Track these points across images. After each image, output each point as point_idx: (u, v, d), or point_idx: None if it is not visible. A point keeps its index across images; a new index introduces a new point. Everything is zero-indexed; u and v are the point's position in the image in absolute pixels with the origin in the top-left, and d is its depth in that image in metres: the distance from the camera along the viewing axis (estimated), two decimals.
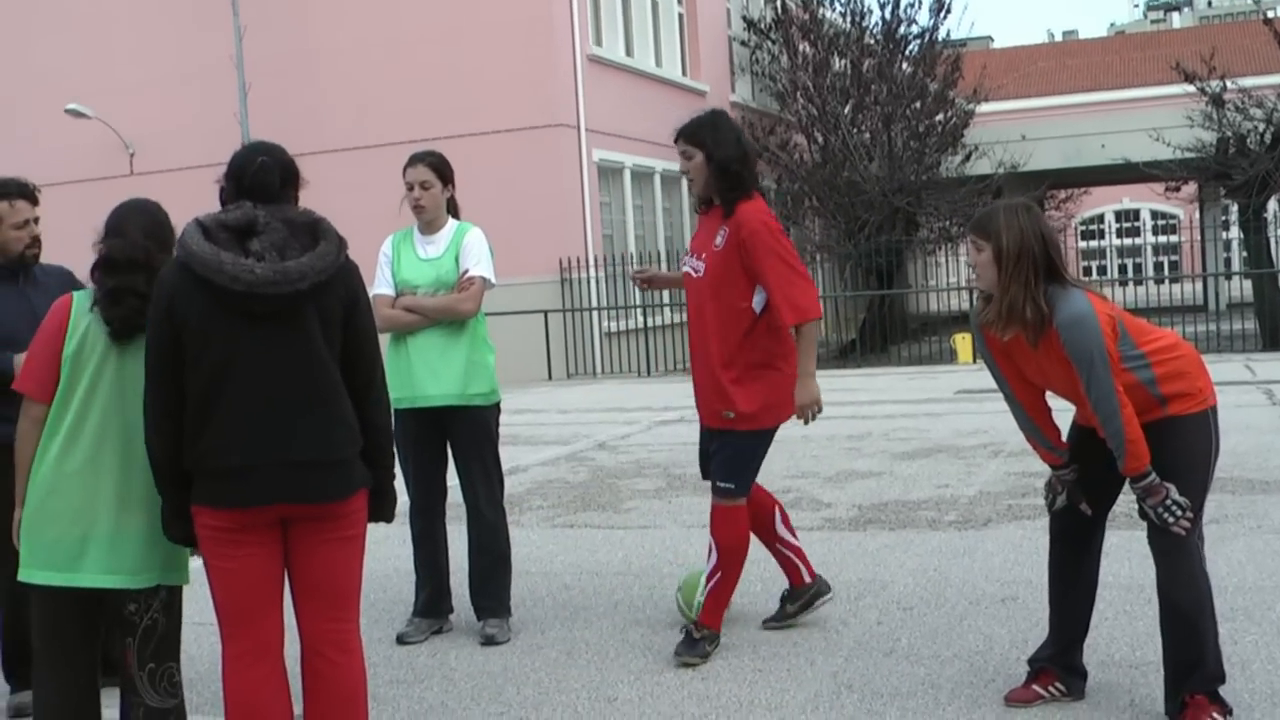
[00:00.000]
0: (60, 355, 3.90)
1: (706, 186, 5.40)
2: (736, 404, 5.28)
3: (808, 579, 5.73)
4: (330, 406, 3.75)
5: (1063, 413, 4.52)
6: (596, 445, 12.60)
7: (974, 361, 21.15)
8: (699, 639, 5.36)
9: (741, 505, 5.42)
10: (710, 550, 5.44)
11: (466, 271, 5.79)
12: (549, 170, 22.43)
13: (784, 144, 28.26)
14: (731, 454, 5.37)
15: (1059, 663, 4.62)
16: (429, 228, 5.91)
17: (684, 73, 27.94)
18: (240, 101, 22.73)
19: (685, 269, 5.51)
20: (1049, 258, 4.30)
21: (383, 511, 3.98)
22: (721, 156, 5.31)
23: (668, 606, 6.21)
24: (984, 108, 31.58)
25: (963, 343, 21.91)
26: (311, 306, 3.72)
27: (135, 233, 3.97)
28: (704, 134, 5.37)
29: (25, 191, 5.18)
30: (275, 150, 3.96)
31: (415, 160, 5.90)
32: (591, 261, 22.87)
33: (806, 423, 5.38)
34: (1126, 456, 4.18)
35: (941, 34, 30.56)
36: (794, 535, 5.78)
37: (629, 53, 25.75)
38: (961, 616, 5.78)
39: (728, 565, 5.41)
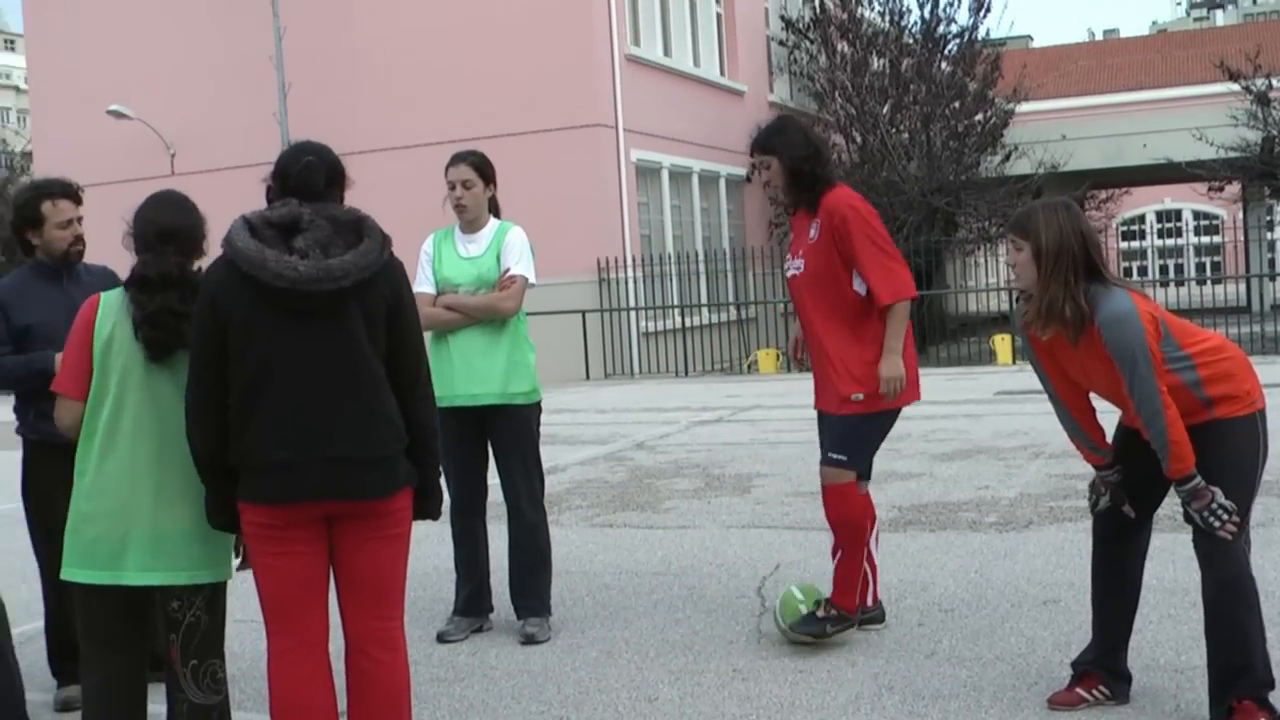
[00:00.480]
0: (90, 353, 3.92)
1: (785, 190, 5.51)
2: (858, 386, 5.31)
3: (870, 602, 5.68)
4: (374, 403, 3.76)
5: (1108, 414, 4.49)
6: (635, 445, 12.60)
7: (1013, 363, 21.03)
8: (821, 617, 5.37)
9: (852, 482, 5.41)
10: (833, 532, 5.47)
11: (508, 270, 5.80)
12: (587, 170, 22.46)
13: None
14: (846, 429, 5.38)
15: (1103, 666, 4.58)
16: (470, 227, 5.92)
17: (722, 72, 27.91)
18: (280, 101, 22.84)
19: (788, 272, 5.57)
20: (1089, 256, 4.27)
21: (429, 509, 3.99)
22: (791, 158, 5.42)
23: (707, 606, 6.21)
24: (1024, 107, 31.40)
25: (1002, 343, 21.79)
26: (355, 304, 3.73)
27: (165, 243, 3.94)
28: (773, 141, 5.49)
29: (69, 191, 5.23)
30: (322, 150, 3.97)
31: (457, 159, 5.92)
32: (629, 261, 22.88)
33: (890, 399, 5.37)
34: (1171, 459, 4.15)
35: (981, 33, 30.44)
36: (876, 551, 5.73)
37: (667, 52, 25.74)
38: (1003, 619, 5.74)
39: (849, 542, 5.41)
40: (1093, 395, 4.53)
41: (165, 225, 3.97)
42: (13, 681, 4.20)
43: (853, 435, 5.39)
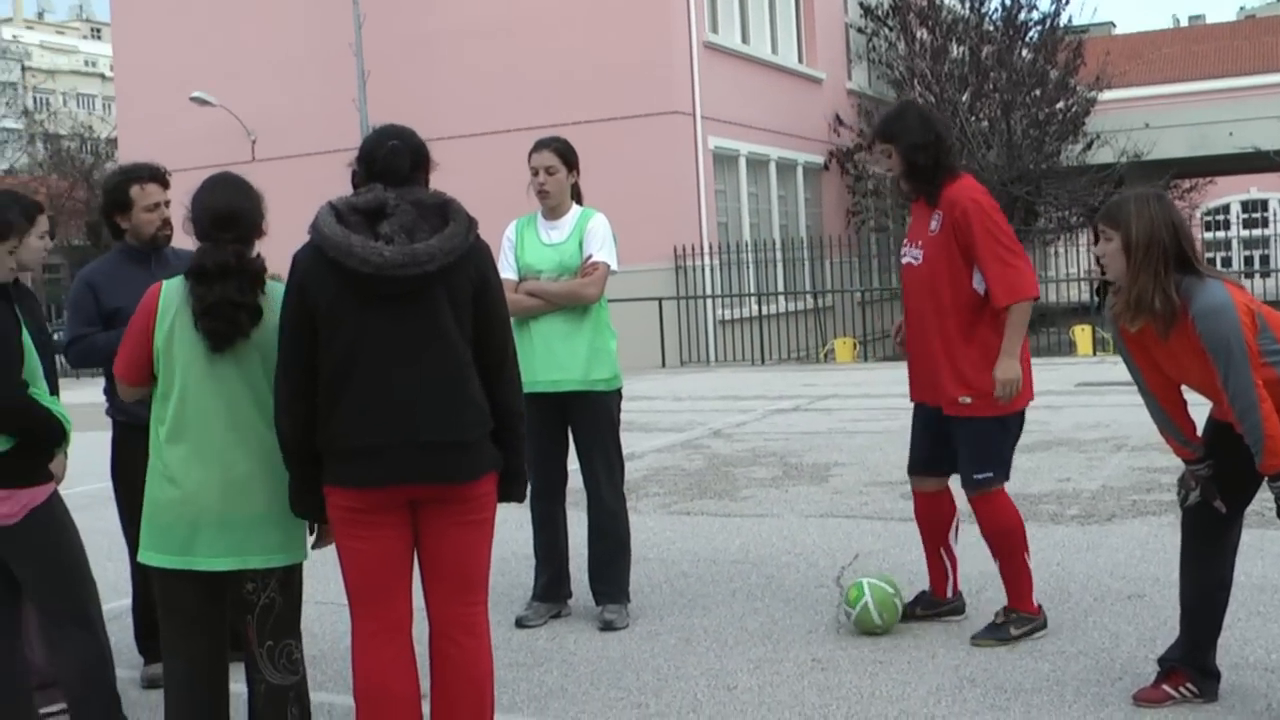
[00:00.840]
0: (150, 343, 3.94)
1: (908, 180, 5.36)
2: (974, 387, 5.18)
3: (951, 594, 5.65)
4: (460, 387, 3.77)
5: (1199, 407, 4.41)
6: (712, 433, 12.59)
7: (1093, 354, 20.79)
8: (1001, 623, 5.30)
9: (999, 491, 5.31)
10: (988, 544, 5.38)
11: (590, 257, 5.79)
12: (664, 157, 22.44)
13: None
14: (978, 441, 5.25)
15: (1190, 663, 4.51)
16: (553, 213, 5.92)
17: (800, 60, 27.77)
18: (359, 88, 23.01)
19: (904, 259, 5.43)
20: (1180, 248, 4.20)
21: (514, 492, 3.99)
22: (908, 145, 5.26)
23: (786, 595, 6.19)
24: (1106, 95, 30.98)
25: (1082, 334, 21.53)
26: (441, 288, 3.74)
27: (221, 229, 3.91)
28: (892, 127, 5.34)
29: (157, 175, 5.29)
30: (406, 134, 3.97)
31: (541, 145, 5.91)
32: (706, 249, 22.85)
33: (1005, 402, 5.21)
34: (1265, 453, 4.06)
35: (1063, 20, 30.04)
36: (956, 545, 5.67)
37: (745, 40, 25.65)
38: (1086, 612, 5.68)
39: (1007, 551, 5.32)
40: (1184, 388, 4.46)
41: (221, 210, 3.94)
42: (104, 657, 4.27)
43: (985, 446, 5.24)
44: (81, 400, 6.75)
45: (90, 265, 5.37)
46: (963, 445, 5.29)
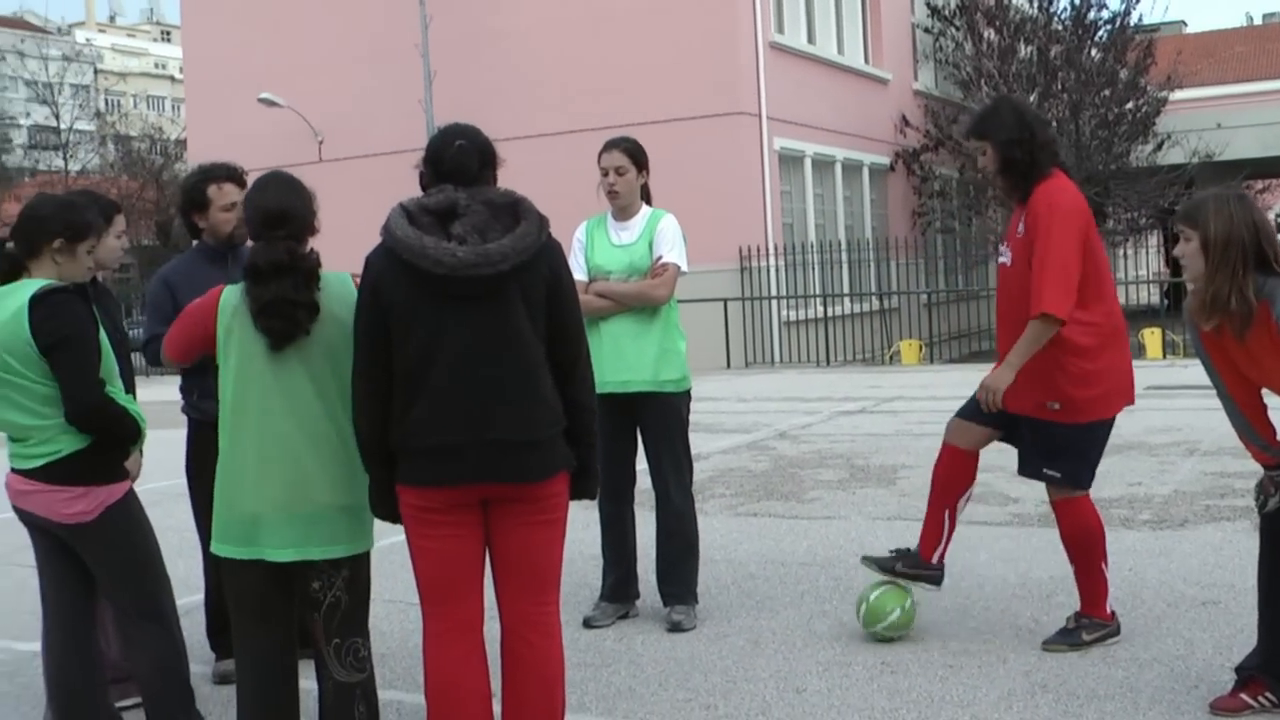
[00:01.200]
0: (202, 335, 4.00)
1: (1002, 178, 5.23)
2: (1065, 394, 5.06)
3: (935, 560, 5.47)
4: (533, 386, 3.77)
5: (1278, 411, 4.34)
6: (777, 434, 12.55)
7: (1163, 357, 20.53)
8: (1073, 628, 5.23)
9: (1082, 496, 5.22)
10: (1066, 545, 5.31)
11: (660, 258, 5.78)
12: (729, 158, 22.39)
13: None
14: (1057, 442, 5.13)
15: (1270, 671, 4.42)
16: (623, 213, 5.92)
17: (866, 60, 27.64)
18: (425, 88, 23.14)
19: (999, 259, 5.33)
20: (1260, 248, 4.14)
21: (586, 489, 4.00)
22: (1001, 142, 5.12)
23: (854, 598, 6.12)
24: (1177, 95, 30.56)
25: (1151, 337, 21.26)
26: (514, 287, 3.74)
27: (273, 227, 3.93)
28: (986, 124, 5.21)
29: (234, 175, 5.35)
30: (472, 132, 3.97)
31: (611, 145, 5.90)
32: (771, 250, 22.78)
33: (985, 409, 5.12)
34: None
35: (1133, 19, 29.67)
36: (960, 514, 5.50)
37: (811, 40, 25.56)
38: (1159, 619, 5.60)
39: (1085, 557, 5.24)
40: (1265, 392, 4.39)
41: (273, 208, 3.95)
42: (178, 652, 4.31)
43: (1065, 449, 5.13)
44: (158, 398, 6.82)
45: (168, 264, 5.43)
46: (1039, 442, 5.19)
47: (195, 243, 5.40)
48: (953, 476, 5.41)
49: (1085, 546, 5.23)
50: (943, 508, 5.46)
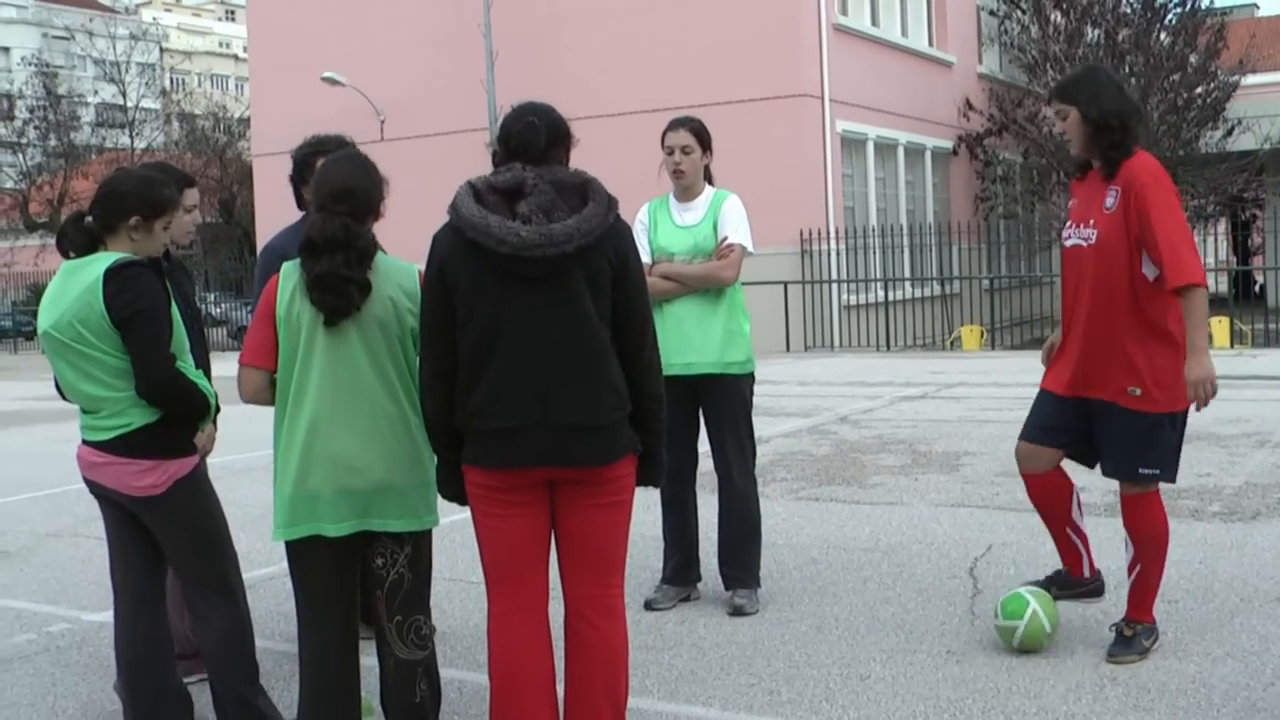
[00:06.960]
0: (273, 322, 3.96)
1: (1084, 147, 5.02)
2: (1149, 380, 4.87)
3: (1088, 573, 5.34)
4: (598, 370, 3.73)
5: None
6: (838, 419, 12.47)
7: (1230, 346, 20.24)
8: (1132, 636, 5.01)
9: (1155, 493, 5.04)
10: (1126, 543, 5.10)
11: (726, 239, 5.73)
12: (792, 140, 22.28)
13: (1032, 117, 27.45)
14: (1145, 435, 4.93)
15: None
16: (686, 194, 5.86)
17: (930, 43, 27.40)
18: (488, 69, 23.15)
19: (1069, 242, 5.08)
20: None
21: (652, 475, 3.96)
22: (1099, 112, 4.90)
23: (918, 585, 6.09)
24: (1249, 80, 30.02)
25: (1219, 327, 20.95)
26: (579, 268, 3.69)
27: (337, 202, 3.90)
28: (1077, 88, 5.00)
29: (344, 146, 5.31)
30: (544, 110, 3.91)
31: (676, 124, 5.85)
32: (832, 233, 22.67)
33: (1200, 407, 4.87)
34: None
35: (1204, 2, 29.19)
36: (1083, 522, 5.35)
37: (875, 22, 25.37)
38: (1232, 613, 5.50)
39: (1149, 557, 5.04)
40: None
41: (340, 184, 3.93)
42: (244, 626, 4.33)
43: (1153, 441, 4.94)
44: (233, 373, 6.80)
45: (277, 234, 5.41)
46: (1125, 438, 4.98)
47: (303, 214, 5.38)
48: (1050, 499, 5.23)
49: (1158, 543, 5.06)
50: (1062, 527, 5.28)
